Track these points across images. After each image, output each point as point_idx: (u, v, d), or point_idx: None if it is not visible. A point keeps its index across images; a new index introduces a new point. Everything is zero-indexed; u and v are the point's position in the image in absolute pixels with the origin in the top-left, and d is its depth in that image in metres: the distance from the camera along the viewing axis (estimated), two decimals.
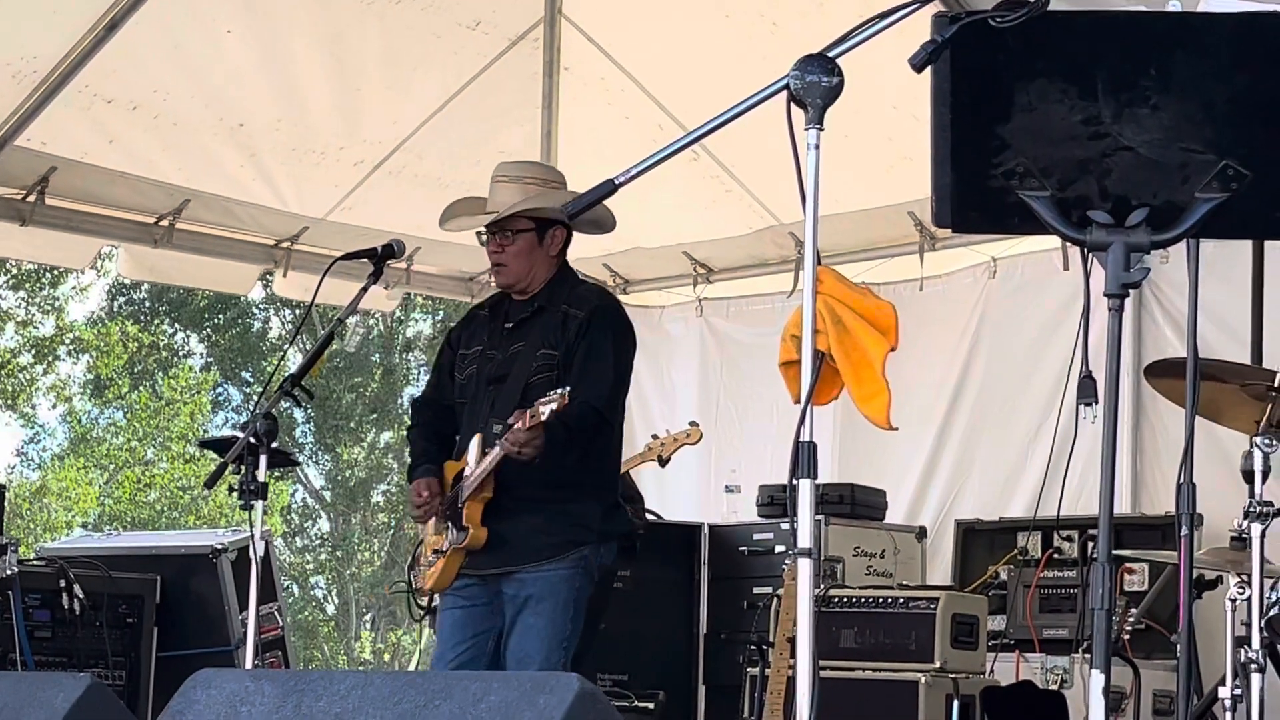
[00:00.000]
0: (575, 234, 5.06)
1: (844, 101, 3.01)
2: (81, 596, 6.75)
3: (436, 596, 4.95)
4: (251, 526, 4.92)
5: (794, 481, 3.00)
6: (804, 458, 2.98)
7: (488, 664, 4.88)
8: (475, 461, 4.81)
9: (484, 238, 4.99)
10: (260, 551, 4.99)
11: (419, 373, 24.55)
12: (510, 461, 4.70)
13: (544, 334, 4.89)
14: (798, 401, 3.01)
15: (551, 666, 4.70)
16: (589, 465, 4.84)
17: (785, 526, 7.40)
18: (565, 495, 4.82)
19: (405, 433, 5.28)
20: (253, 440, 4.89)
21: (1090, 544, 6.94)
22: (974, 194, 2.85)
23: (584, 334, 4.84)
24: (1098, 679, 2.65)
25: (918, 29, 3.16)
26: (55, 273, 22.36)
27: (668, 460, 6.20)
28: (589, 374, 4.79)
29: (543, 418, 4.57)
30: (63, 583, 6.74)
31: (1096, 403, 2.92)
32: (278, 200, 8.17)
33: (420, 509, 4.90)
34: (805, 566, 3.00)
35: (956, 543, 7.60)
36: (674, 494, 8.24)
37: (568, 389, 4.59)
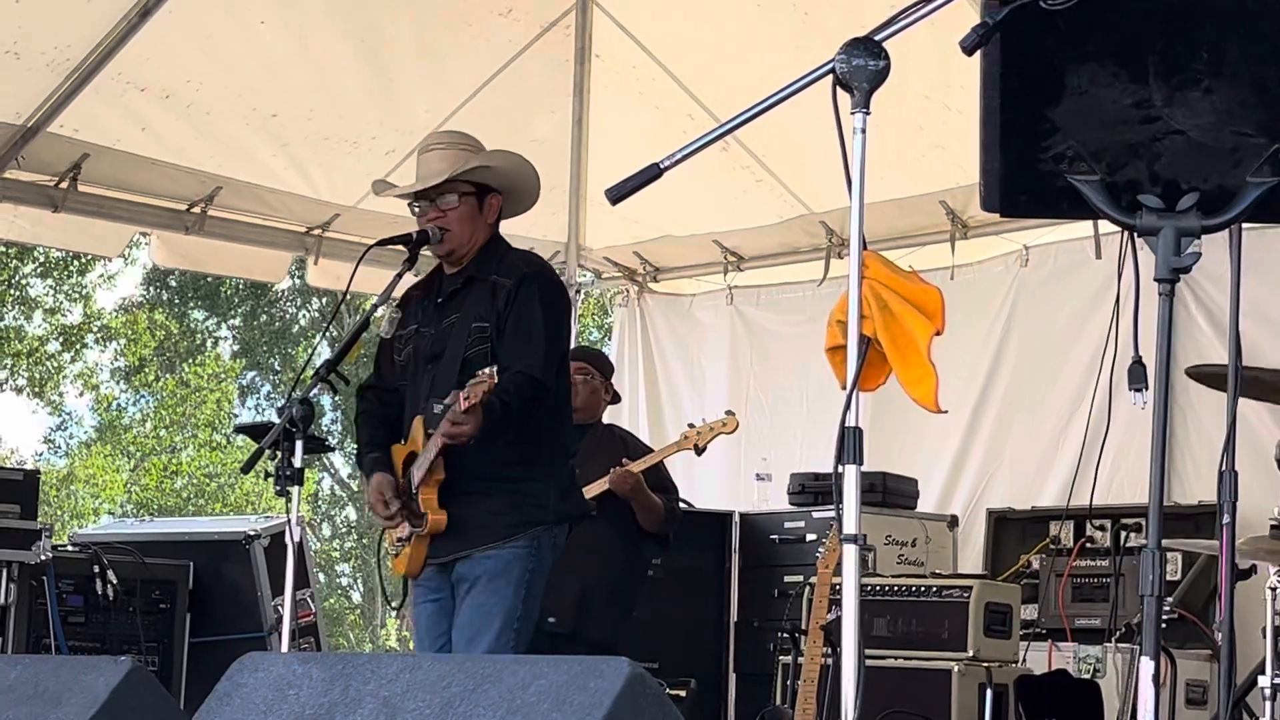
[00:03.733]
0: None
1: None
2: (115, 582, 6.76)
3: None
4: (288, 512, 4.91)
5: (839, 468, 3.00)
6: (850, 443, 2.98)
7: None
8: (421, 445, 4.72)
9: (416, 208, 4.90)
10: (296, 537, 4.98)
11: None
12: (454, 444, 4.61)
13: (475, 305, 4.80)
14: (844, 387, 3.00)
15: (501, 646, 4.60)
16: (536, 440, 4.74)
17: (817, 515, 7.40)
18: (516, 474, 4.73)
19: (354, 420, 5.20)
20: (289, 425, 4.89)
21: (1123, 533, 6.92)
22: (1023, 178, 2.84)
23: (512, 302, 4.74)
24: (1147, 665, 2.64)
25: (950, 20, 3.14)
26: (83, 260, 22.40)
27: (704, 449, 6.18)
28: (521, 343, 4.71)
29: (476, 400, 4.47)
30: (96, 568, 6.76)
31: (1147, 388, 2.90)
32: (310, 188, 8.17)
33: (388, 518, 4.76)
34: (851, 552, 2.99)
35: (988, 532, 7.58)
36: (704, 482, 8.22)
37: (495, 368, 4.50)
